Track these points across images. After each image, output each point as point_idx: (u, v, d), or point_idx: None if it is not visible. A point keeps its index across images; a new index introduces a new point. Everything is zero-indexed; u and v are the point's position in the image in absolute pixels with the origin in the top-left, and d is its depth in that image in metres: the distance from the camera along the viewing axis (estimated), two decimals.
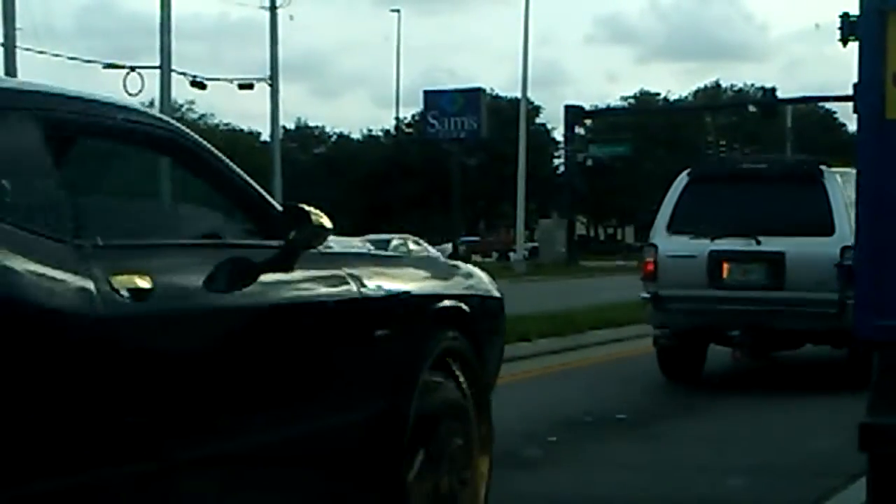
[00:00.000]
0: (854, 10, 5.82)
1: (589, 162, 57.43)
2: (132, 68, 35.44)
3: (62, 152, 3.94)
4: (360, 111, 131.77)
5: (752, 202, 11.94)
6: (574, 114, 49.33)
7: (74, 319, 3.55)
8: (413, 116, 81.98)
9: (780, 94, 47.29)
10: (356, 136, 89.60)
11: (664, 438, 9.05)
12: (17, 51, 31.24)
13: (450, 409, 5.29)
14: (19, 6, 31.10)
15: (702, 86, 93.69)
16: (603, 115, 62.52)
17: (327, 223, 4.53)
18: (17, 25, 31.14)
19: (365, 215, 73.24)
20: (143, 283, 3.78)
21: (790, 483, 7.53)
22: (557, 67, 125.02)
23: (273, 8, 41.30)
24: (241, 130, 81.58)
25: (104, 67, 36.55)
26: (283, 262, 4.46)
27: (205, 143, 4.51)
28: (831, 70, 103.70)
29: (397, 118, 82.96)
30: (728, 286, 11.62)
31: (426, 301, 5.37)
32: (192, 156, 4.45)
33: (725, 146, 77.33)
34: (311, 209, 4.49)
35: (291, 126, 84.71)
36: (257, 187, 4.63)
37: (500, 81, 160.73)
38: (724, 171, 13.56)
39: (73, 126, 4.05)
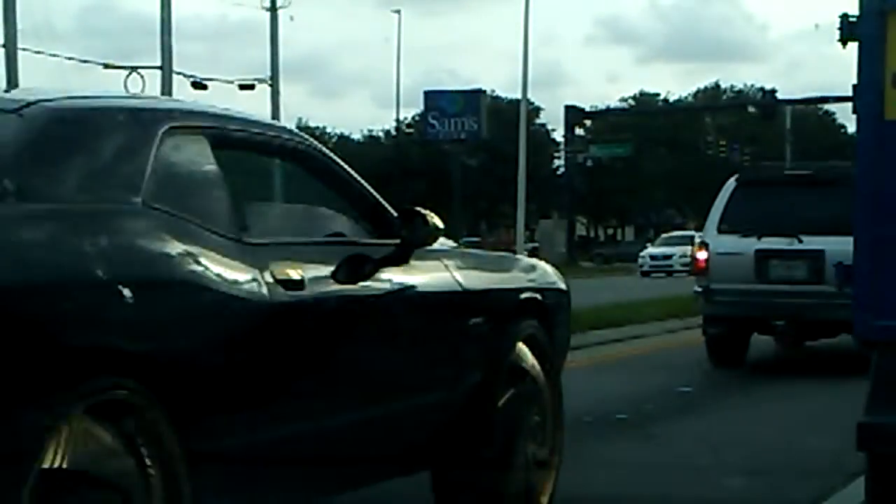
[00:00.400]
0: (854, 10, 5.83)
1: (589, 162, 57.54)
2: (133, 69, 35.41)
3: (228, 164, 4.67)
4: (360, 112, 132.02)
5: (795, 204, 13.00)
6: (574, 114, 49.37)
7: (246, 303, 4.31)
8: (414, 117, 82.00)
9: (779, 95, 47.38)
10: (357, 136, 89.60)
11: (664, 438, 9.06)
12: (18, 51, 31.22)
13: (530, 391, 5.95)
14: (20, 7, 31.09)
15: (702, 86, 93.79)
16: (603, 115, 62.60)
17: (439, 223, 5.33)
18: (19, 26, 31.12)
19: None
20: (294, 274, 4.56)
21: (790, 483, 7.54)
22: (558, 68, 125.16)
23: (273, 8, 41.29)
24: None
25: (105, 68, 36.53)
26: (400, 258, 5.21)
27: (334, 156, 5.33)
28: (831, 71, 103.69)
29: (398, 119, 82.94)
30: (773, 280, 12.92)
31: (511, 293, 6.05)
32: (324, 166, 5.25)
33: (725, 146, 77.25)
34: (425, 211, 5.31)
35: (292, 127, 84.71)
36: (375, 193, 5.41)
37: (501, 82, 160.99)
38: (768, 176, 14.82)
39: (234, 141, 4.82)
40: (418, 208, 5.30)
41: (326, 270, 4.78)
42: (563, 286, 6.65)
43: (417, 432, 5.45)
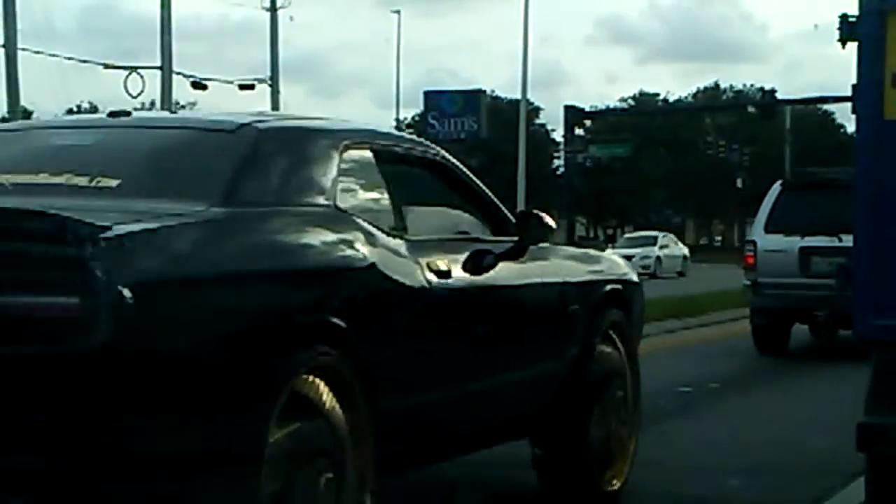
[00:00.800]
0: (853, 10, 5.83)
1: (588, 162, 57.53)
2: (133, 69, 35.39)
3: (387, 173, 5.65)
4: (360, 112, 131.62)
5: (835, 206, 13.41)
6: (574, 114, 49.21)
7: (413, 288, 5.29)
8: (413, 117, 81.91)
9: (779, 95, 47.20)
10: None
11: (664, 438, 9.05)
12: (18, 51, 31.22)
13: (614, 371, 6.95)
14: (20, 7, 31.10)
15: (701, 87, 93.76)
16: (603, 115, 62.39)
17: (552, 223, 6.28)
18: (19, 26, 31.11)
19: None
20: (443, 265, 5.53)
21: (790, 483, 7.54)
22: (557, 68, 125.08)
23: (273, 9, 41.28)
24: None
25: (105, 68, 36.50)
26: (517, 253, 6.11)
27: (461, 166, 6.38)
28: (830, 71, 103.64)
29: (398, 119, 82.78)
30: (815, 275, 13.99)
31: (600, 285, 7.01)
32: (454, 175, 6.34)
33: (724, 146, 77.23)
34: (540, 212, 6.27)
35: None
36: (494, 198, 6.47)
37: (501, 82, 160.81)
38: (810, 180, 15.77)
39: (390, 155, 5.79)
40: (535, 211, 6.34)
41: (461, 262, 5.72)
42: (636, 279, 7.65)
43: (528, 401, 6.44)
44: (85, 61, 47.01)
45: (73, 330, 3.85)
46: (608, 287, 7.04)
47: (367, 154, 5.59)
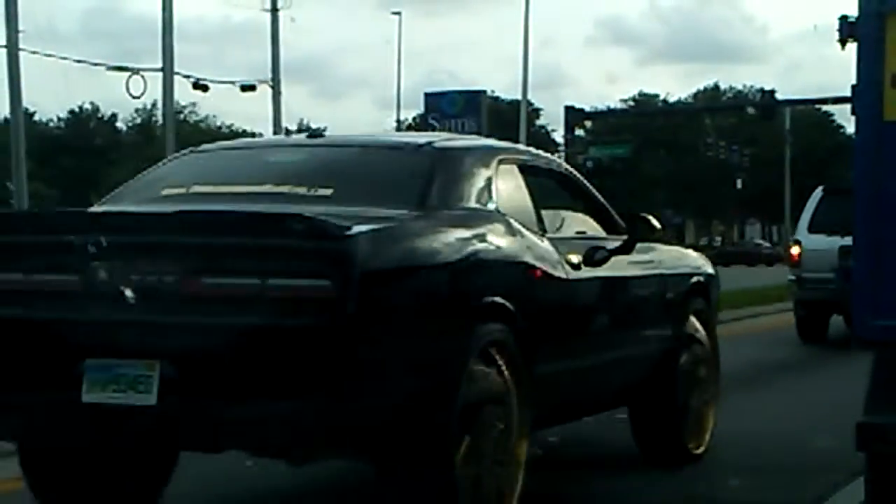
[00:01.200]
0: (853, 11, 5.83)
1: (589, 163, 57.38)
2: (134, 70, 35.40)
3: (529, 185, 6.86)
4: (361, 113, 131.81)
5: None
6: (574, 115, 49.31)
7: (557, 278, 6.52)
8: (414, 118, 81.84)
9: (779, 96, 47.20)
10: None
11: None
12: (20, 53, 31.21)
13: (698, 351, 8.16)
14: (22, 8, 31.08)
15: (701, 87, 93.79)
16: (603, 116, 62.54)
17: (657, 224, 7.55)
18: (20, 28, 31.11)
19: None
20: (574, 258, 6.76)
21: (790, 482, 7.55)
22: (558, 69, 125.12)
23: (274, 10, 41.30)
24: (244, 132, 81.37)
25: (107, 69, 36.53)
26: (627, 249, 7.31)
27: (581, 177, 7.76)
28: (830, 72, 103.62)
29: (398, 120, 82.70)
30: None
31: (688, 277, 8.29)
32: (574, 184, 7.67)
33: (724, 147, 77.23)
34: (646, 215, 7.57)
35: (294, 128, 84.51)
36: (606, 202, 7.68)
37: (501, 83, 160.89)
38: (848, 186, 16.25)
39: (529, 168, 7.03)
40: (642, 214, 7.59)
41: (586, 256, 6.90)
42: (713, 272, 8.76)
43: (635, 373, 7.65)
44: (87, 62, 47.17)
45: (326, 306, 5.08)
46: (693, 279, 8.31)
47: (514, 167, 6.85)
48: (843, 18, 5.95)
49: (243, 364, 5.18)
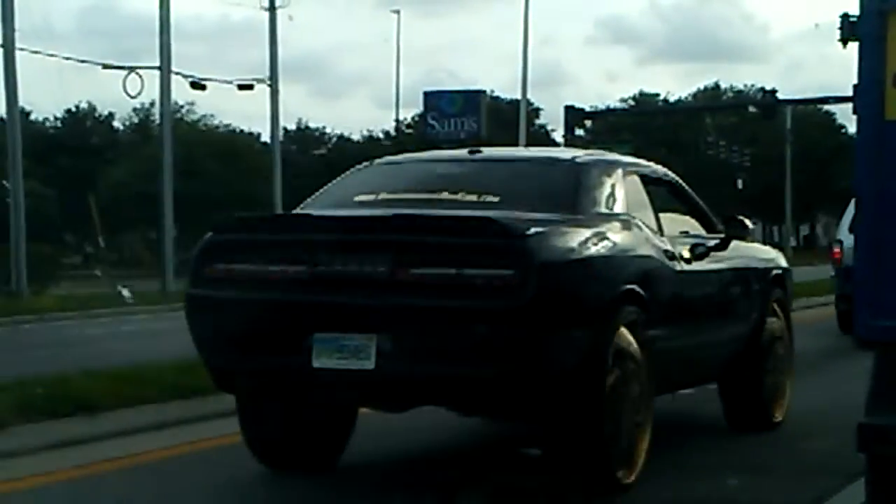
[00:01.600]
0: (854, 10, 5.82)
1: None
2: (131, 69, 35.35)
3: (648, 192, 8.34)
4: (360, 112, 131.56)
5: None
6: (574, 115, 49.19)
7: (673, 269, 7.94)
8: (413, 117, 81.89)
9: (780, 96, 47.09)
10: (356, 137, 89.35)
11: (663, 439, 9.05)
12: (16, 51, 31.20)
13: (777, 334, 9.51)
14: (18, 7, 31.05)
15: (702, 87, 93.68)
16: (603, 116, 62.42)
17: (749, 224, 9.02)
18: (17, 26, 31.10)
19: None
20: (686, 253, 8.18)
21: (790, 483, 7.54)
22: (558, 68, 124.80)
23: (272, 8, 41.25)
24: (242, 131, 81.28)
25: (104, 68, 36.47)
26: (723, 246, 8.78)
27: (684, 183, 9.15)
28: (831, 71, 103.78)
29: (397, 119, 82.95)
30: None
31: (769, 270, 9.70)
32: (678, 190, 9.14)
33: (725, 147, 77.17)
34: (741, 216, 9.02)
35: (292, 127, 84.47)
36: (705, 206, 9.21)
37: (501, 82, 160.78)
38: None
39: (645, 177, 8.50)
40: (738, 215, 9.03)
41: (692, 252, 8.29)
42: (787, 265, 10.12)
43: (729, 352, 8.95)
44: (83, 61, 47.07)
45: (512, 290, 6.49)
46: (773, 271, 9.71)
47: (636, 178, 8.32)
48: (845, 17, 5.93)
49: (445, 337, 6.61)
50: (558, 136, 73.45)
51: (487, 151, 8.52)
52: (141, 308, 28.74)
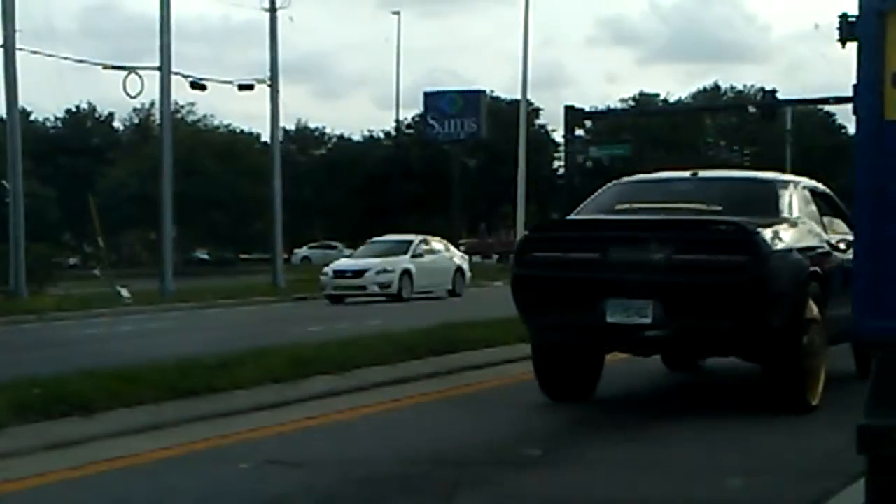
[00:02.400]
0: (853, 10, 5.79)
1: (589, 163, 57.37)
2: (132, 69, 35.33)
3: (815, 202, 11.64)
4: (360, 113, 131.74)
5: None
6: (574, 115, 49.18)
7: (835, 258, 10.87)
8: (413, 118, 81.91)
9: (779, 96, 47.12)
10: (356, 137, 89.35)
11: (663, 439, 9.05)
12: (17, 52, 31.19)
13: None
14: (19, 7, 31.05)
15: (701, 87, 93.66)
16: (603, 116, 62.41)
17: None
18: (18, 27, 31.10)
19: (365, 217, 72.98)
20: (842, 245, 11.05)
21: (790, 483, 7.52)
22: (558, 69, 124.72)
23: (273, 9, 41.24)
24: (242, 131, 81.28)
25: (104, 69, 36.45)
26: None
27: (832, 193, 12.27)
28: (831, 72, 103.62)
29: (397, 119, 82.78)
30: None
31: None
32: (831, 199, 12.09)
33: (725, 147, 77.22)
34: None
35: (292, 127, 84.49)
36: (847, 210, 11.69)
37: (501, 83, 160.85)
38: None
39: (810, 190, 11.77)
40: None
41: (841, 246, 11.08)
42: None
43: (837, 327, 10.68)
44: (83, 61, 47.07)
45: (745, 270, 9.79)
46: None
47: (807, 192, 11.62)
48: (844, 17, 5.90)
49: (698, 301, 9.85)
50: (558, 136, 73.57)
51: (702, 173, 12.05)
52: (139, 308, 28.74)
